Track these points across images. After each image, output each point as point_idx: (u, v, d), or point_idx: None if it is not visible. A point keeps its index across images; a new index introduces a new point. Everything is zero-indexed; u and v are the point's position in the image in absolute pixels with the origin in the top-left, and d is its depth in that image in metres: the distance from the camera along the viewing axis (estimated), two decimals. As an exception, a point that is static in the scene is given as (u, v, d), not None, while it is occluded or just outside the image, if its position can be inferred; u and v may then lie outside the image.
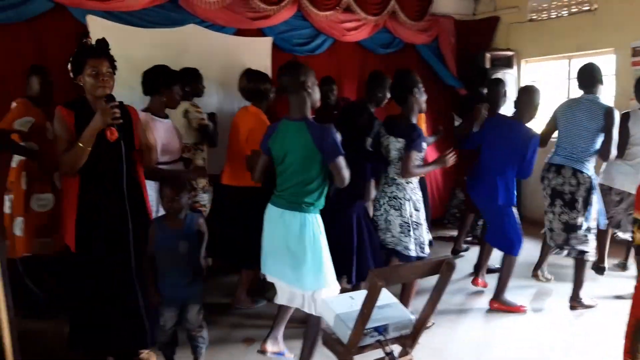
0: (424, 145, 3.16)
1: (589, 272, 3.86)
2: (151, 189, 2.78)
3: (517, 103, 3.59)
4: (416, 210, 3.19)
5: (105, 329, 2.51)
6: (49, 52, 3.87)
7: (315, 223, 2.47)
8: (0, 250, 2.07)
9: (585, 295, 3.66)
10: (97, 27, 3.79)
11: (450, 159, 3.20)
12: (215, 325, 3.25)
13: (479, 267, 4.12)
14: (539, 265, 4.26)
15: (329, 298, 2.27)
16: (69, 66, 2.45)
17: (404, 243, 3.16)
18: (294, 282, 2.48)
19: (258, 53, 4.71)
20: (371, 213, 3.39)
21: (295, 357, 2.81)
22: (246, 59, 4.27)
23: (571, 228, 3.55)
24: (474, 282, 4.06)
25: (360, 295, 2.07)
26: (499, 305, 3.66)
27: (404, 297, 3.20)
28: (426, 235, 3.25)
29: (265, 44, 4.82)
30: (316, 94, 2.53)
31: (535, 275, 4.25)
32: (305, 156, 2.42)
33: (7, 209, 3.38)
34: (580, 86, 3.63)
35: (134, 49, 3.88)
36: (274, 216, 2.52)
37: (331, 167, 2.41)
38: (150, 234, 2.52)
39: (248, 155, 3.28)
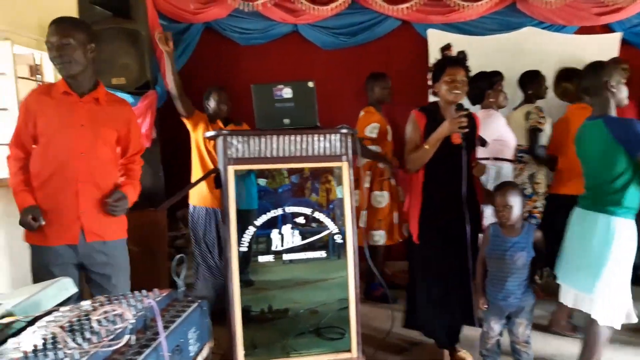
0: None
1: None
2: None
3: None
4: None
5: (439, 318, 2.72)
6: (394, 64, 4.37)
7: (618, 228, 2.29)
8: (353, 237, 2.51)
9: None
10: (437, 39, 4.10)
11: None
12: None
13: None
14: None
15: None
16: (429, 75, 2.72)
17: None
18: (575, 283, 2.43)
19: (602, 51, 4.20)
20: None
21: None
22: (587, 59, 3.89)
23: None
24: None
25: None
26: None
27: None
28: None
29: (611, 41, 4.31)
30: (621, 93, 2.41)
31: None
32: (603, 152, 2.33)
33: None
34: None
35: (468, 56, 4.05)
36: (576, 218, 2.50)
37: (638, 160, 2.24)
38: (483, 237, 2.58)
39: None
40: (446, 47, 2.72)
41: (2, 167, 2.99)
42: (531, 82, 3.73)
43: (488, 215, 2.92)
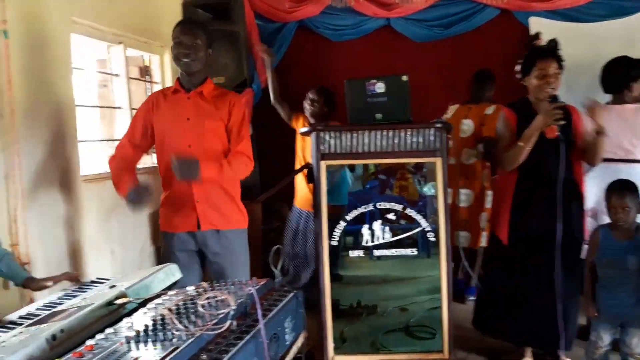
0: None
1: None
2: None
3: None
4: None
5: (519, 321, 2.58)
6: (492, 55, 4.16)
7: None
8: (446, 235, 2.45)
9: None
10: (539, 28, 3.86)
11: None
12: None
13: None
14: None
15: None
16: (518, 67, 2.58)
17: None
18: None
19: None
20: None
21: None
22: None
23: None
24: None
25: None
26: None
27: None
28: None
29: None
30: None
31: None
32: None
33: (463, 202, 3.60)
34: None
35: (573, 45, 3.77)
36: None
37: None
38: (592, 240, 2.42)
39: None
40: (534, 37, 2.55)
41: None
42: None
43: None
